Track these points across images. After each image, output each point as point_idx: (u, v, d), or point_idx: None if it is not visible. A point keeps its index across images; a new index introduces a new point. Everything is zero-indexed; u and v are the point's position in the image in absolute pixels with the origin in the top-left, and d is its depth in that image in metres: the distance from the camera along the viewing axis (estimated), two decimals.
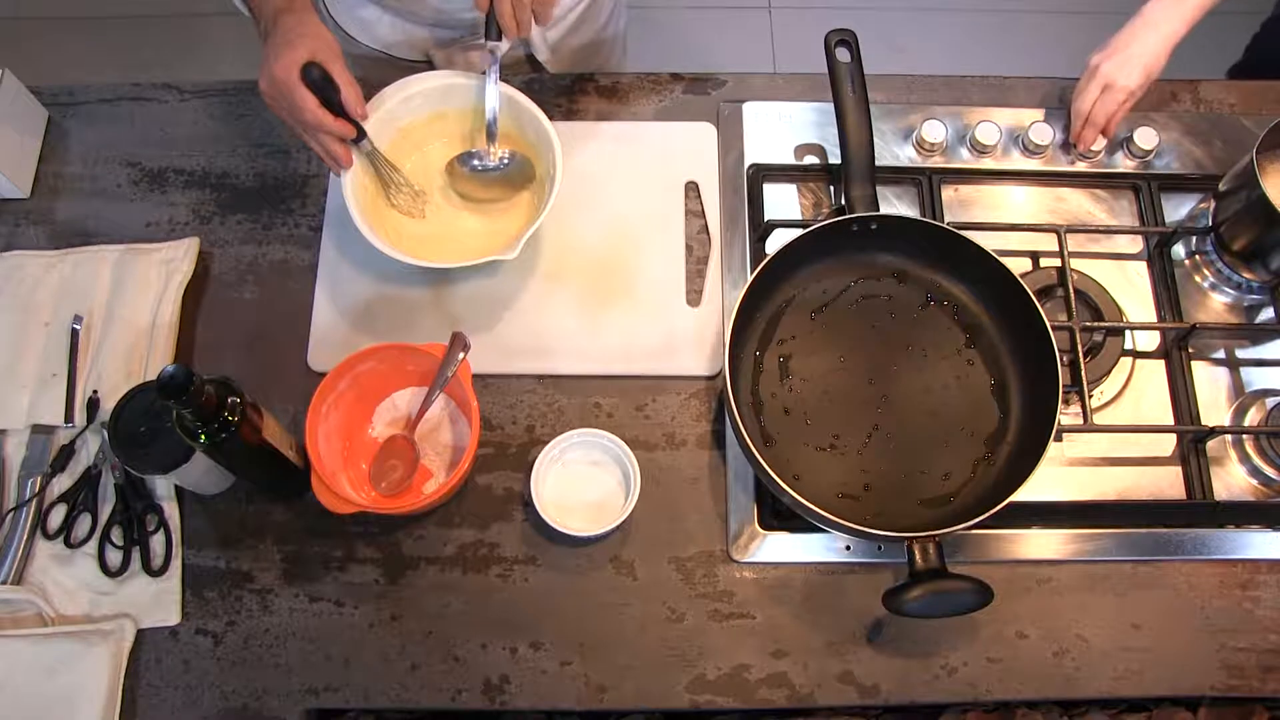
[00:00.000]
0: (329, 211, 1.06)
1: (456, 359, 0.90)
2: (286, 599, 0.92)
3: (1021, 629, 0.92)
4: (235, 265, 1.05)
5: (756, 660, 0.90)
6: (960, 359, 0.97)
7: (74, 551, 0.92)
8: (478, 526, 0.94)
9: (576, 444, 0.93)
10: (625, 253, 1.05)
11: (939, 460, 0.93)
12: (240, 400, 0.80)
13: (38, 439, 0.96)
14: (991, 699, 0.90)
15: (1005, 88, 1.16)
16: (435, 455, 0.96)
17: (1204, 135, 1.12)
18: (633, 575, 0.93)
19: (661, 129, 1.11)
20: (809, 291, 0.99)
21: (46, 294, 1.02)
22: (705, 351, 1.00)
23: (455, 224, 1.05)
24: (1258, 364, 1.02)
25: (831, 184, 1.09)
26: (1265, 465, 0.97)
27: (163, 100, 1.13)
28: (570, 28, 1.22)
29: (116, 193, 1.08)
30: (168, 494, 0.94)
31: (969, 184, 1.10)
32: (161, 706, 0.88)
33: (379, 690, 0.89)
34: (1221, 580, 0.94)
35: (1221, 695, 0.90)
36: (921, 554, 0.83)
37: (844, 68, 1.00)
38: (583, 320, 1.02)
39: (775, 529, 0.94)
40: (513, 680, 0.89)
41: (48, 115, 1.12)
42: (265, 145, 1.10)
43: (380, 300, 1.02)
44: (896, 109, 1.12)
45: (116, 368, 0.98)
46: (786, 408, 0.95)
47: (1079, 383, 0.97)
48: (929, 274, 1.00)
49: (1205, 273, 1.06)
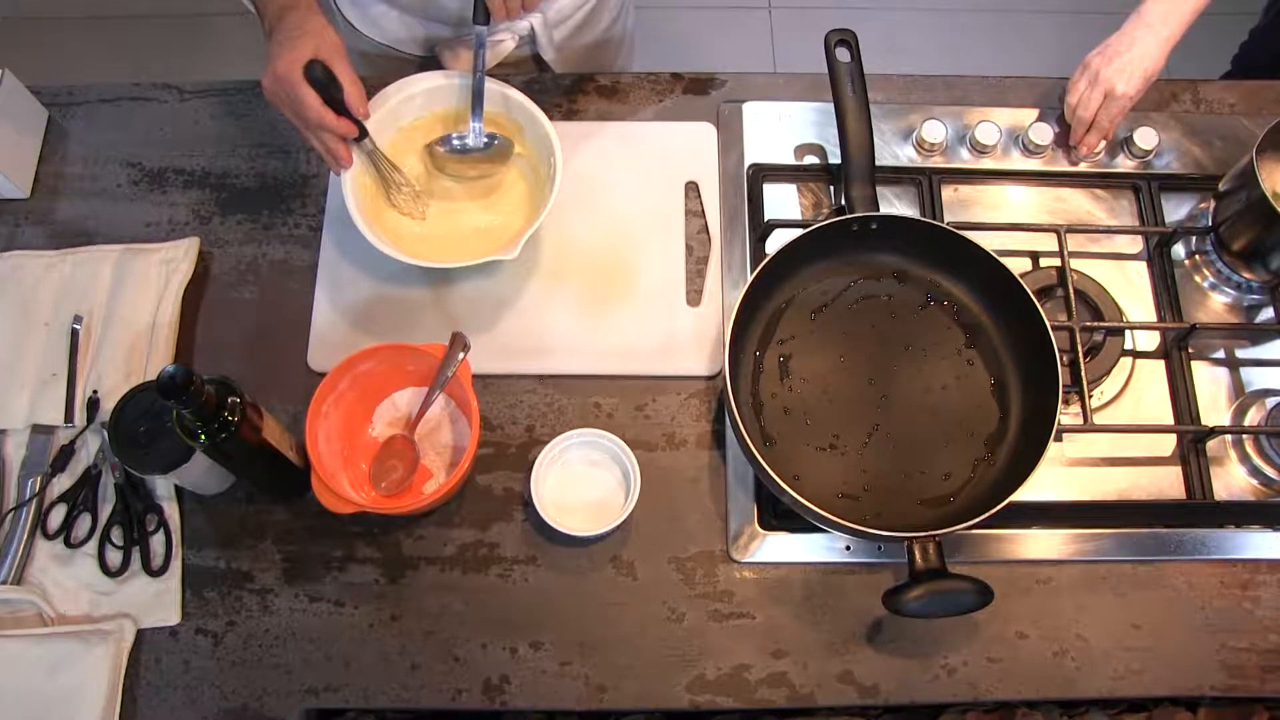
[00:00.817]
0: (329, 211, 1.06)
1: (456, 359, 0.90)
2: (286, 599, 0.92)
3: (1021, 629, 0.92)
4: (235, 265, 1.05)
5: (756, 660, 0.90)
6: (960, 359, 0.97)
7: (74, 551, 0.92)
8: (478, 526, 0.94)
9: (576, 444, 0.93)
10: (625, 253, 1.05)
11: (939, 460, 0.93)
12: (240, 400, 0.80)
13: (38, 439, 0.96)
14: (991, 699, 0.90)
15: (1005, 88, 1.16)
16: (435, 455, 0.96)
17: (1204, 135, 1.12)
18: (633, 575, 0.93)
19: (661, 129, 1.11)
20: (809, 291, 0.99)
21: (46, 294, 1.02)
22: (705, 351, 1.00)
23: (455, 224, 1.05)
24: (1258, 364, 1.02)
25: (831, 184, 1.10)
26: (1265, 465, 0.97)
27: (163, 100, 1.13)
28: (576, 27, 1.22)
29: (116, 193, 1.08)
30: (168, 494, 0.94)
31: (969, 184, 1.10)
32: (161, 706, 0.88)
33: (379, 690, 0.89)
34: (1221, 580, 0.94)
35: (1221, 695, 0.90)
36: (921, 554, 0.83)
37: (844, 68, 1.00)
38: (583, 320, 1.02)
39: (775, 529, 0.94)
40: (513, 680, 0.89)
41: (48, 115, 1.12)
42: (265, 145, 1.10)
43: (380, 300, 1.02)
44: (896, 109, 1.12)
45: (116, 368, 0.98)
46: (786, 408, 0.95)
47: (1079, 383, 0.97)
48: (929, 274, 1.00)
49: (1205, 273, 1.06)
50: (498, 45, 1.17)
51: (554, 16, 1.18)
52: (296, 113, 0.92)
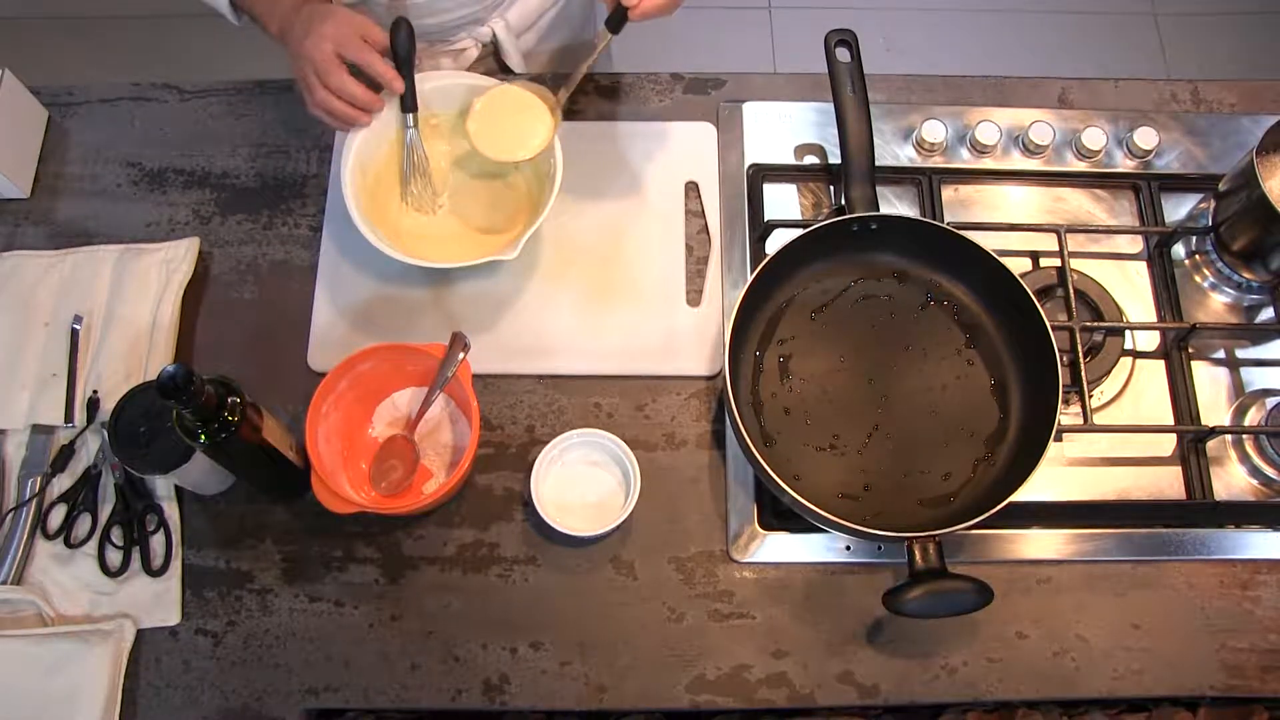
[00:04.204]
0: (329, 211, 1.06)
1: (456, 359, 0.90)
2: (286, 599, 0.92)
3: (1021, 629, 0.92)
4: (235, 265, 1.05)
5: (756, 660, 0.90)
6: (960, 359, 0.97)
7: (74, 551, 0.92)
8: (478, 526, 0.94)
9: (576, 444, 0.93)
10: (625, 253, 1.05)
11: (939, 460, 0.93)
12: (240, 400, 0.80)
13: (38, 439, 0.96)
14: (991, 699, 0.90)
15: (1005, 88, 1.16)
16: (435, 455, 0.96)
17: (1204, 135, 1.12)
18: (633, 575, 0.93)
19: (661, 129, 1.11)
20: (809, 291, 0.99)
21: (46, 294, 1.02)
22: (705, 351, 1.00)
23: (455, 224, 1.05)
24: (1258, 364, 1.02)
25: (831, 184, 1.09)
26: (1265, 465, 0.97)
27: (163, 100, 1.13)
28: (543, 33, 1.21)
29: (116, 193, 1.08)
30: (168, 494, 0.94)
31: (969, 184, 1.10)
32: (161, 706, 0.88)
33: (379, 690, 0.89)
34: (1221, 580, 0.94)
35: (1221, 695, 0.90)
36: (921, 554, 0.83)
37: (844, 68, 1.00)
38: (583, 320, 1.02)
39: (775, 529, 0.94)
40: (513, 680, 0.89)
41: (48, 115, 1.11)
42: (265, 145, 1.10)
43: (380, 300, 1.02)
44: (896, 109, 1.12)
45: (116, 368, 0.98)
46: (786, 408, 0.95)
47: (1079, 383, 0.97)
48: (929, 274, 1.00)
49: (1205, 273, 1.06)
50: (461, 54, 1.16)
51: (518, 22, 1.16)
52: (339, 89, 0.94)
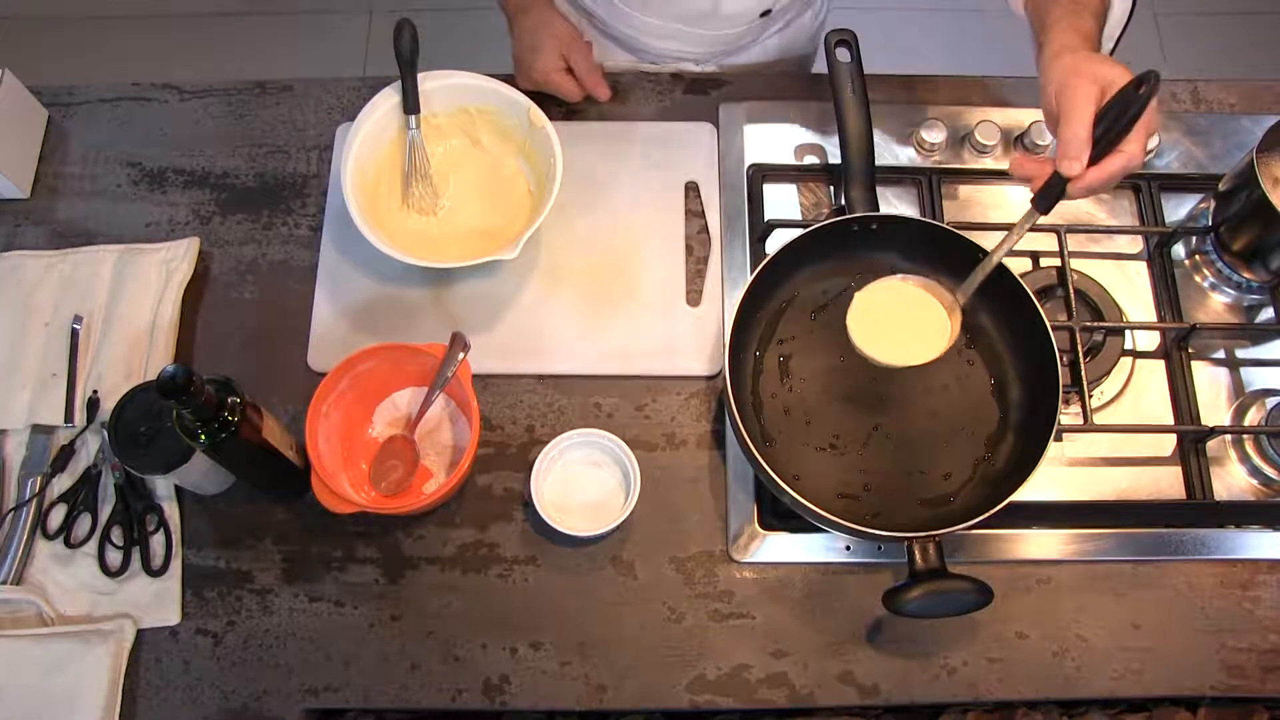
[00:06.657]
0: (329, 211, 1.06)
1: (456, 359, 0.90)
2: (286, 599, 0.92)
3: (1021, 629, 0.92)
4: (235, 265, 1.05)
5: (756, 660, 0.90)
6: (960, 359, 0.97)
7: (74, 551, 0.92)
8: (478, 526, 0.94)
9: (576, 444, 0.93)
10: (625, 253, 1.05)
11: (939, 460, 0.93)
12: (240, 400, 0.80)
13: (38, 439, 0.96)
14: (991, 699, 0.90)
15: (1005, 88, 1.16)
16: (435, 455, 0.96)
17: (1204, 135, 1.11)
18: (633, 575, 0.93)
19: (661, 129, 1.11)
20: (809, 291, 0.99)
21: (46, 294, 1.02)
22: (705, 351, 1.00)
23: (455, 224, 1.05)
24: (1258, 364, 1.02)
25: (831, 184, 1.09)
26: (1265, 465, 0.97)
27: (163, 100, 1.13)
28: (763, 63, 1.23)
29: (116, 193, 1.08)
30: (168, 494, 0.94)
31: (969, 184, 1.10)
32: (161, 706, 0.88)
33: (379, 690, 0.89)
34: (1221, 580, 0.93)
35: (1221, 695, 0.90)
36: (921, 554, 0.83)
37: (844, 68, 1.00)
38: (583, 320, 1.02)
39: (775, 529, 0.94)
40: (513, 680, 0.89)
41: (48, 115, 1.12)
42: (265, 145, 1.10)
43: (380, 300, 1.02)
44: (896, 109, 1.12)
45: (116, 368, 0.98)
46: (786, 408, 0.95)
47: (1079, 383, 0.97)
48: (929, 274, 0.99)
49: (1205, 273, 1.06)
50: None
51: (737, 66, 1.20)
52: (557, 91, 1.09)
